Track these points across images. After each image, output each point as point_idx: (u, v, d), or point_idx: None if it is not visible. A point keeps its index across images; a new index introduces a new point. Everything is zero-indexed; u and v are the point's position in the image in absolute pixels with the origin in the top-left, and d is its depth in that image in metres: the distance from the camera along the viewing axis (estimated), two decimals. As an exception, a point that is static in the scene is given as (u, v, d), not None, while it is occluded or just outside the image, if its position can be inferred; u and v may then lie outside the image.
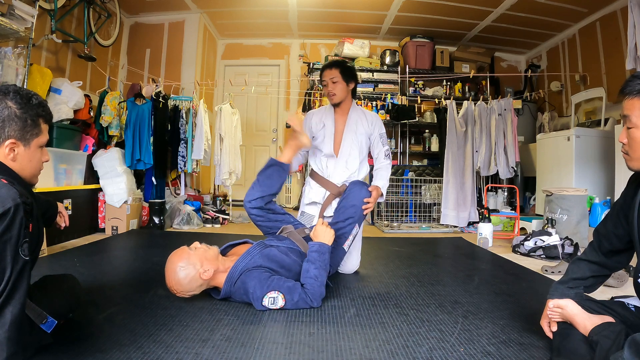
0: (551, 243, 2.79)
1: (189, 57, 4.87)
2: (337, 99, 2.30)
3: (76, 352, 1.19)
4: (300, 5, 4.56)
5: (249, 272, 1.61)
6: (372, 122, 2.36)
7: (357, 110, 2.39)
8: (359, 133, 2.32)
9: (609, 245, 1.26)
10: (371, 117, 2.38)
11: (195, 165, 4.10)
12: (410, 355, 1.24)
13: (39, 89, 2.89)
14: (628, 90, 1.08)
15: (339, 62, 2.38)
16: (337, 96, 2.29)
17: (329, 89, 2.31)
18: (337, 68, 2.30)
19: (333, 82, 2.29)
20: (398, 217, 4.40)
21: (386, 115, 5.18)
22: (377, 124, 2.37)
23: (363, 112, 2.40)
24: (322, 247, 1.74)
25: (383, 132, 2.38)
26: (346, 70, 2.32)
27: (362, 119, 2.35)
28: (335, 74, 2.29)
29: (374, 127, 2.35)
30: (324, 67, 2.38)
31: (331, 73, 2.30)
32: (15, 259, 0.95)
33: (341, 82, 2.29)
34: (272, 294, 1.57)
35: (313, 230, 1.84)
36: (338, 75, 2.28)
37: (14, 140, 1.11)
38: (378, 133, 2.36)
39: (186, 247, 1.63)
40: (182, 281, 1.56)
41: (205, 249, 1.64)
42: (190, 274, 1.56)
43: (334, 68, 2.31)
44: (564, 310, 1.22)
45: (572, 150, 3.74)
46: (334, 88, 2.29)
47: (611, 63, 4.15)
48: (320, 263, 1.69)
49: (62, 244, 2.89)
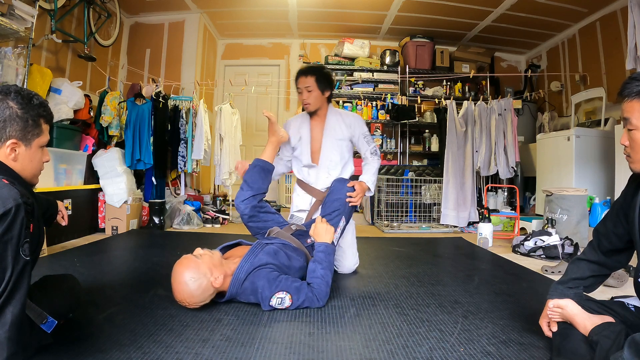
0: (551, 243, 2.79)
1: (189, 57, 4.86)
2: (312, 107, 2.22)
3: (76, 352, 1.19)
4: (300, 5, 4.56)
5: (258, 272, 1.61)
6: (351, 125, 2.28)
7: (335, 115, 2.30)
8: (338, 138, 2.26)
9: (608, 244, 1.26)
10: (349, 120, 2.30)
11: (195, 165, 4.10)
12: (410, 355, 1.24)
13: (39, 89, 2.89)
14: (627, 92, 1.08)
15: (314, 69, 2.24)
16: (312, 105, 2.21)
17: (303, 98, 2.20)
18: (313, 75, 2.18)
19: (308, 90, 2.18)
20: (398, 217, 4.39)
21: (386, 115, 5.19)
22: (357, 125, 2.29)
23: (341, 116, 2.31)
24: (328, 248, 1.76)
25: (365, 131, 2.31)
26: (322, 78, 2.20)
27: (340, 123, 2.27)
28: (311, 82, 2.17)
29: (353, 129, 2.28)
30: (298, 72, 2.24)
31: (306, 81, 2.18)
32: (16, 259, 0.95)
33: (316, 91, 2.19)
34: (280, 295, 1.57)
35: (313, 228, 1.84)
36: (313, 83, 2.17)
37: (15, 141, 1.11)
38: (360, 133, 2.29)
39: (191, 256, 1.55)
40: (194, 293, 1.50)
41: (210, 255, 1.58)
42: (202, 285, 1.50)
43: (309, 75, 2.18)
44: (564, 310, 1.22)
45: (572, 150, 3.73)
46: (308, 97, 2.19)
47: (611, 63, 4.15)
48: (327, 263, 1.71)
49: (62, 244, 2.89)
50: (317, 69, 2.26)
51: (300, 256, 1.85)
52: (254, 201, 1.96)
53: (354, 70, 5.22)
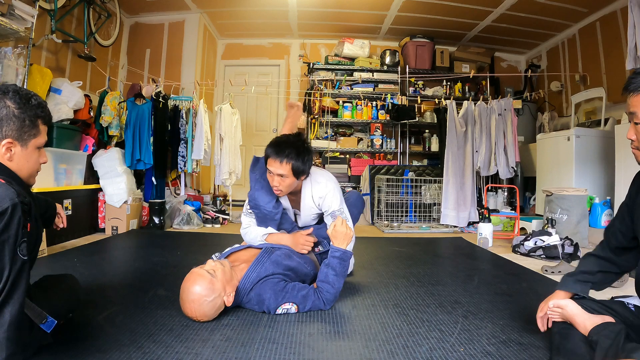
0: (551, 243, 2.79)
1: (189, 57, 4.87)
2: (284, 194, 1.88)
3: (76, 352, 1.19)
4: (300, 5, 4.56)
5: (264, 283, 1.57)
6: (320, 204, 1.95)
7: (305, 191, 1.94)
8: (312, 215, 2.01)
9: (615, 241, 1.29)
10: (319, 199, 1.93)
11: (195, 165, 4.10)
12: (410, 355, 1.24)
13: (39, 89, 2.89)
14: (632, 87, 1.09)
15: (292, 155, 1.75)
16: (283, 192, 1.85)
17: (273, 183, 1.81)
18: (289, 163, 1.75)
19: (280, 176, 1.77)
20: (398, 217, 4.39)
21: (386, 115, 5.19)
22: (327, 202, 1.92)
23: (311, 191, 1.93)
24: (344, 255, 1.66)
25: (336, 208, 1.92)
26: (300, 162, 1.77)
27: (309, 202, 1.95)
28: (287, 170, 1.76)
29: (323, 205, 1.94)
30: (271, 152, 1.78)
31: (282, 167, 1.75)
32: (13, 259, 0.95)
33: (291, 178, 1.79)
34: (286, 306, 1.56)
35: (332, 229, 1.70)
36: (289, 171, 1.76)
37: (11, 140, 1.11)
38: (330, 211, 1.92)
39: (204, 272, 1.44)
40: (208, 312, 1.44)
41: (222, 269, 1.49)
42: (217, 304, 1.45)
43: (285, 162, 1.74)
44: (564, 310, 1.22)
45: (572, 150, 3.73)
46: (280, 183, 1.79)
47: (611, 63, 4.15)
48: (340, 269, 1.65)
49: (62, 244, 2.89)
50: (295, 154, 1.76)
51: (308, 263, 1.81)
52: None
53: (354, 70, 5.22)
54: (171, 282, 1.93)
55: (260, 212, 1.92)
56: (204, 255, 2.23)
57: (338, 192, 1.96)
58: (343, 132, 5.37)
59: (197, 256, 2.56)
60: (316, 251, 1.96)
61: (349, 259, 1.70)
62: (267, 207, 1.90)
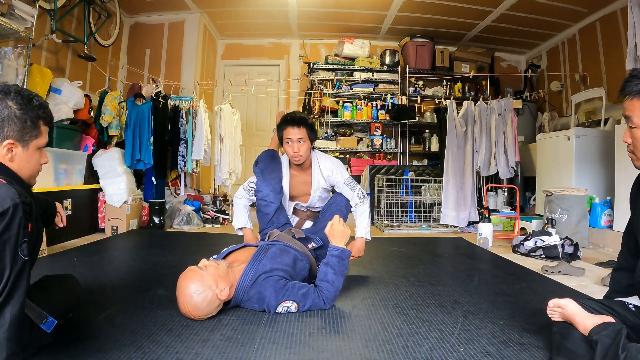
0: (551, 243, 2.79)
1: (189, 57, 4.86)
2: (303, 160, 2.12)
3: (76, 352, 1.19)
4: (300, 5, 4.56)
5: (265, 281, 1.58)
6: (329, 176, 2.18)
7: (315, 164, 2.20)
8: (321, 189, 2.21)
9: (634, 245, 1.27)
10: (327, 170, 2.18)
11: (195, 165, 4.10)
12: (410, 355, 1.24)
13: (39, 89, 2.89)
14: (627, 90, 1.08)
15: (304, 119, 2.10)
16: (304, 157, 2.10)
17: (294, 150, 2.06)
18: (305, 127, 2.06)
19: (300, 141, 2.06)
20: (398, 217, 4.39)
21: (386, 115, 5.19)
22: (335, 173, 2.17)
23: (318, 165, 2.19)
24: (343, 253, 1.69)
25: (346, 177, 2.19)
26: (312, 127, 2.10)
27: (319, 176, 2.18)
28: (304, 133, 2.06)
29: (332, 178, 2.18)
30: (287, 122, 2.09)
31: (300, 132, 2.05)
32: (14, 259, 0.95)
33: (307, 142, 2.08)
34: (287, 304, 1.56)
35: (329, 228, 1.74)
36: (305, 134, 2.06)
37: (12, 141, 1.11)
38: (342, 181, 2.17)
39: (196, 267, 1.51)
40: (200, 306, 1.45)
41: (215, 266, 1.53)
42: (207, 297, 1.45)
43: (302, 126, 2.06)
44: (564, 309, 1.22)
45: (572, 150, 3.73)
46: (300, 148, 2.06)
47: (611, 63, 4.15)
48: (339, 268, 1.66)
49: (62, 244, 2.89)
50: (306, 118, 2.13)
51: (303, 257, 1.82)
52: None
53: (354, 70, 5.22)
54: (171, 282, 1.92)
55: (262, 198, 2.10)
56: (204, 255, 2.21)
57: (343, 167, 2.24)
58: (343, 132, 5.37)
59: (197, 256, 2.52)
60: (309, 247, 1.98)
61: (348, 257, 1.71)
62: (268, 195, 2.08)
